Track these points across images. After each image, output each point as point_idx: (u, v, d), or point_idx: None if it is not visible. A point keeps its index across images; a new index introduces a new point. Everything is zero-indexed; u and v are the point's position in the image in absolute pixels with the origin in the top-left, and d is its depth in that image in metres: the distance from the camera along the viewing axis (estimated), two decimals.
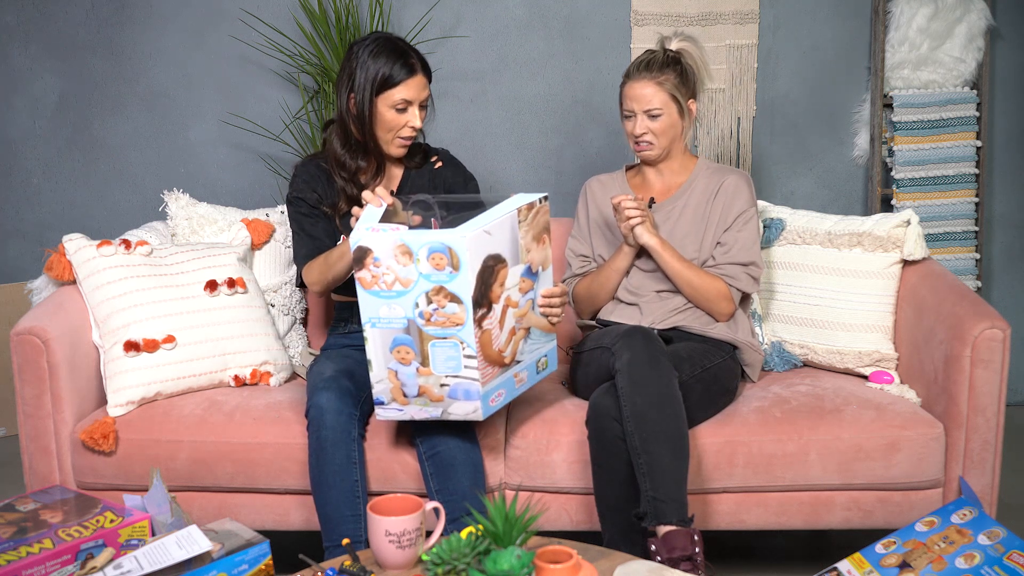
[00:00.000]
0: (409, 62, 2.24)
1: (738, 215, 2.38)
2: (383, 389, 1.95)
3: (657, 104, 2.33)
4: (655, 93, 2.33)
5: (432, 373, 1.91)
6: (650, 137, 2.36)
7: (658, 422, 2.00)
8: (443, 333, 1.86)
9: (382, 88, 2.24)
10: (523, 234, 1.93)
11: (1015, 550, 1.89)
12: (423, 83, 2.27)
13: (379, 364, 1.92)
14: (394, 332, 1.88)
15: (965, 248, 3.33)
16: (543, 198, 1.99)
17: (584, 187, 2.55)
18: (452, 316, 1.84)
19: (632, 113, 2.37)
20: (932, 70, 3.26)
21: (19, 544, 1.68)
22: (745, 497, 2.22)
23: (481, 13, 3.36)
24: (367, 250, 1.83)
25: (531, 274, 1.98)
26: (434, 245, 1.80)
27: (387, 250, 1.82)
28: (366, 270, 1.84)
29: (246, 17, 3.35)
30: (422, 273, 1.82)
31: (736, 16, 3.30)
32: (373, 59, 2.24)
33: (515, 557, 1.49)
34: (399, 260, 1.82)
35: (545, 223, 2.01)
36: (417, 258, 1.81)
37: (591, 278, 2.46)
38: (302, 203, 2.36)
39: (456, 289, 1.82)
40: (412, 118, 2.27)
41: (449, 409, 1.96)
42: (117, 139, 3.46)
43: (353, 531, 2.03)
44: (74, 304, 2.35)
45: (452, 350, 1.87)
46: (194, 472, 2.22)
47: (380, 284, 1.85)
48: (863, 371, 2.46)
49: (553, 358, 2.15)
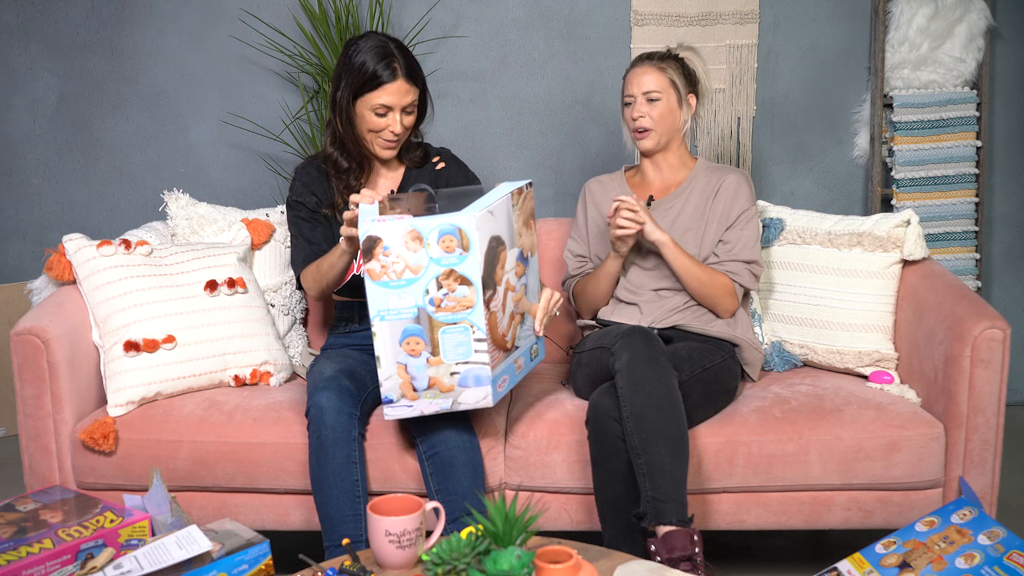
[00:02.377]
0: (391, 66, 2.22)
1: (741, 213, 2.39)
2: (392, 386, 1.94)
3: (657, 87, 2.37)
4: (656, 78, 2.38)
5: (443, 362, 1.92)
6: (648, 122, 2.38)
7: (658, 422, 2.00)
8: (453, 318, 1.88)
9: (361, 91, 2.24)
10: (516, 218, 1.97)
11: (1015, 550, 1.89)
12: (405, 88, 2.24)
13: (388, 359, 1.92)
14: (404, 323, 1.88)
15: (965, 248, 3.33)
16: (528, 184, 2.04)
17: (584, 188, 2.56)
18: (463, 299, 1.86)
19: (632, 98, 2.40)
20: (932, 70, 3.27)
21: (19, 544, 1.68)
22: (745, 497, 2.22)
23: (481, 13, 3.36)
24: (376, 239, 1.83)
25: (523, 259, 2.01)
26: (444, 227, 1.82)
27: (397, 237, 1.83)
28: (375, 260, 1.84)
29: (246, 17, 3.35)
30: (432, 258, 1.83)
31: (736, 16, 3.30)
32: (357, 60, 2.23)
33: (515, 557, 1.49)
34: (409, 246, 1.83)
35: (531, 209, 2.06)
36: (428, 242, 1.82)
37: (585, 281, 2.47)
38: (301, 207, 2.36)
39: (466, 270, 1.84)
40: (392, 123, 2.26)
41: (459, 399, 1.96)
42: (117, 139, 3.46)
43: (353, 531, 2.03)
44: (74, 304, 2.35)
45: (463, 335, 1.89)
46: (194, 472, 2.22)
47: (390, 274, 1.85)
48: (863, 371, 2.46)
49: (542, 346, 2.18)
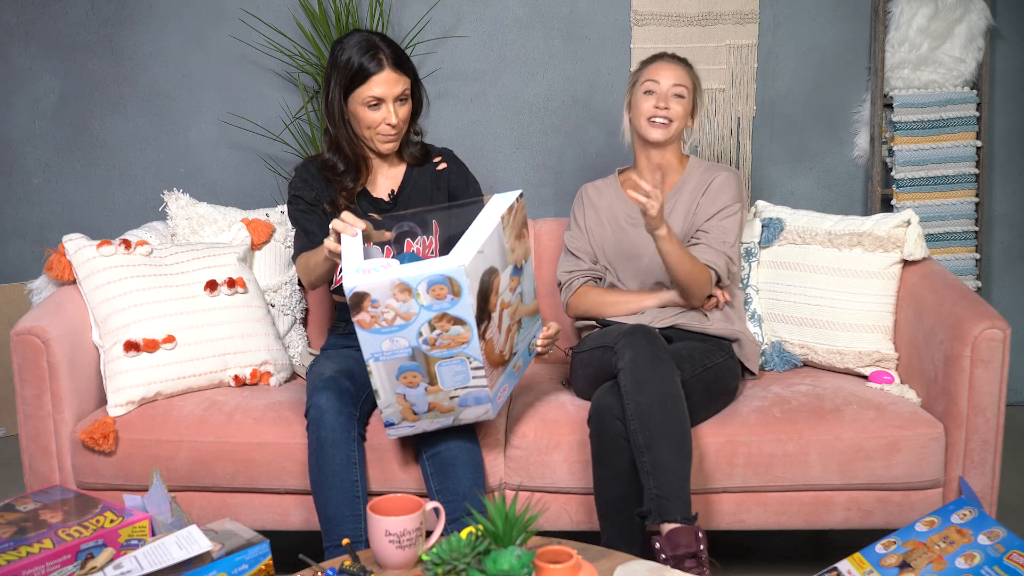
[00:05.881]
0: (376, 57, 2.21)
1: (721, 208, 2.40)
2: (392, 412, 1.93)
3: (685, 84, 2.41)
4: (685, 75, 2.42)
5: (441, 390, 1.90)
6: (671, 113, 2.39)
7: (661, 421, 2.00)
8: (449, 353, 1.84)
9: (351, 87, 2.24)
10: (507, 238, 1.90)
11: (1015, 550, 1.89)
12: (394, 78, 2.23)
13: (386, 392, 1.89)
14: (399, 361, 1.85)
15: (965, 248, 3.33)
16: (519, 196, 1.95)
17: (580, 192, 2.59)
18: (457, 337, 1.82)
19: (657, 87, 2.40)
20: (932, 70, 3.26)
21: (19, 544, 1.68)
22: (745, 497, 2.22)
23: (481, 13, 3.36)
24: (363, 295, 1.76)
25: (517, 270, 1.98)
26: (433, 278, 1.75)
27: (384, 291, 1.76)
28: (364, 312, 1.78)
29: (246, 17, 3.35)
30: (423, 306, 1.77)
31: (736, 16, 3.30)
32: (343, 58, 2.23)
33: (515, 557, 1.49)
34: (398, 298, 1.77)
35: (523, 219, 1.98)
36: (417, 292, 1.76)
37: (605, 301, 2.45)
38: (300, 200, 2.36)
39: (459, 313, 1.79)
40: (387, 115, 2.25)
41: (460, 416, 1.97)
42: (117, 139, 3.46)
43: (353, 531, 2.03)
44: (74, 304, 2.35)
45: (459, 366, 1.86)
46: (194, 472, 2.22)
47: (380, 322, 1.79)
48: (863, 371, 2.46)
49: (539, 329, 2.15)
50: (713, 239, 2.38)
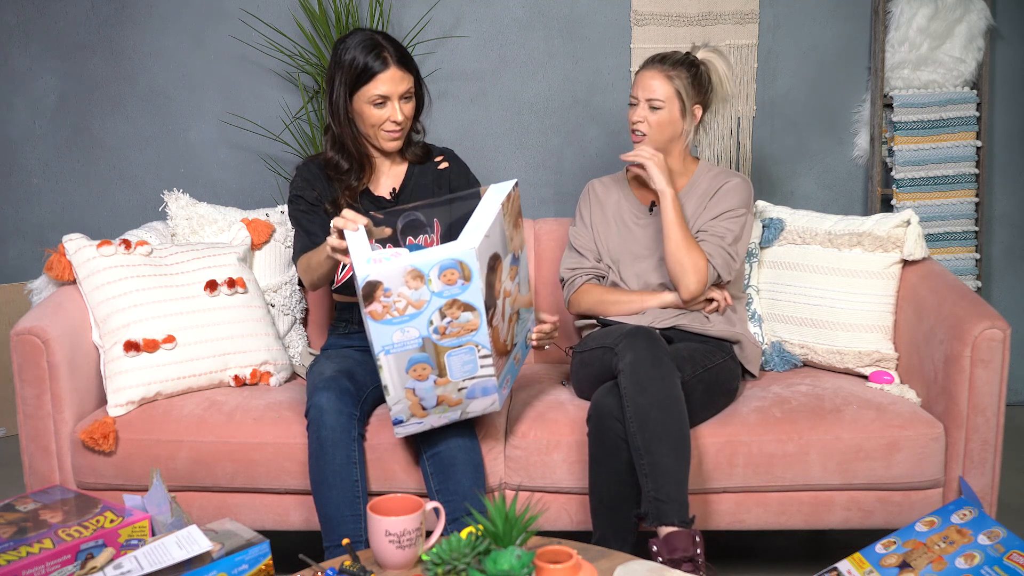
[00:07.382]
0: (382, 55, 2.22)
1: (729, 209, 2.39)
2: (401, 408, 1.93)
3: (660, 96, 2.35)
4: (662, 85, 2.35)
5: (450, 381, 1.90)
6: (644, 127, 2.37)
7: (661, 423, 2.00)
8: (459, 342, 1.85)
9: (356, 86, 2.24)
10: (507, 225, 1.93)
11: (1015, 550, 1.89)
12: (399, 76, 2.24)
13: (396, 387, 1.89)
14: (409, 353, 1.85)
15: (965, 248, 3.33)
16: (515, 185, 1.97)
17: (587, 187, 2.56)
18: (467, 324, 1.82)
19: (636, 101, 2.38)
20: (932, 70, 3.27)
21: (19, 544, 1.68)
22: (745, 497, 2.22)
23: (481, 13, 3.36)
24: (376, 284, 1.77)
25: (515, 260, 1.99)
26: (444, 262, 1.76)
27: (396, 278, 1.77)
28: (376, 303, 1.79)
29: (246, 17, 3.35)
30: (435, 292, 1.78)
31: (736, 16, 3.30)
32: (347, 57, 2.24)
33: (515, 557, 1.49)
34: (410, 285, 1.78)
35: (518, 208, 2.00)
36: (429, 279, 1.77)
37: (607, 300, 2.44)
38: (301, 200, 2.36)
39: (469, 298, 1.80)
40: (392, 112, 2.26)
41: (468, 409, 1.97)
42: (117, 139, 3.46)
43: (353, 531, 2.03)
44: (74, 304, 2.35)
45: (468, 355, 1.87)
46: (194, 472, 2.22)
47: (392, 312, 1.80)
48: (863, 371, 2.46)
49: (533, 322, 2.16)
50: (712, 235, 2.38)
